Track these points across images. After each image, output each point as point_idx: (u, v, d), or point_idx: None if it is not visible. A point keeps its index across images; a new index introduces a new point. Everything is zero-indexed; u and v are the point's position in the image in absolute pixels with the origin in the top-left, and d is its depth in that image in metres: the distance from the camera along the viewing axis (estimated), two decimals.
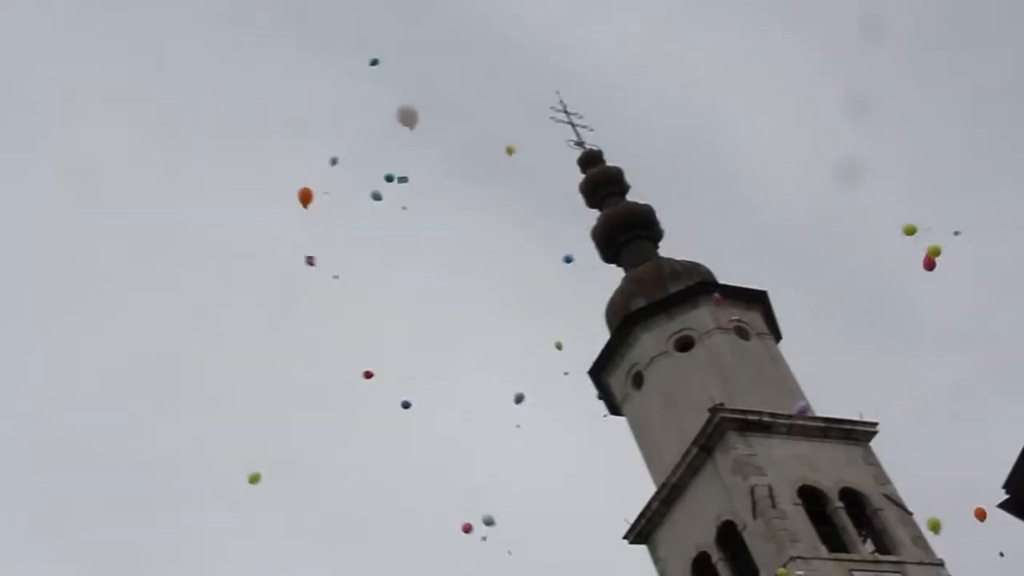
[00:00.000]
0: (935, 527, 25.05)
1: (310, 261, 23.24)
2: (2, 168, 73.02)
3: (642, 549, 32.43)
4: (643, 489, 32.87)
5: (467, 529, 24.58)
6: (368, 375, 24.88)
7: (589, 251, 40.19)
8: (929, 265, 21.87)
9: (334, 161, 23.40)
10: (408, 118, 23.27)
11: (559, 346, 27.07)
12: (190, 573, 57.54)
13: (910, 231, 22.32)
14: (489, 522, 24.25)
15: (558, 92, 44.34)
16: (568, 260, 27.55)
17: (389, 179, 23.74)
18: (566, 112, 43.59)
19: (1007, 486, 7.35)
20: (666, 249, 38.91)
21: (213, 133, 72.33)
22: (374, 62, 26.06)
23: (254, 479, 23.87)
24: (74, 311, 71.53)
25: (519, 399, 26.22)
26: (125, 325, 68.46)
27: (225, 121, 73.44)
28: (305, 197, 22.99)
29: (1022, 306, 67.97)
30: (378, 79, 79.77)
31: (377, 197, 24.09)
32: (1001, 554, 24.18)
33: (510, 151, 26.99)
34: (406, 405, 25.08)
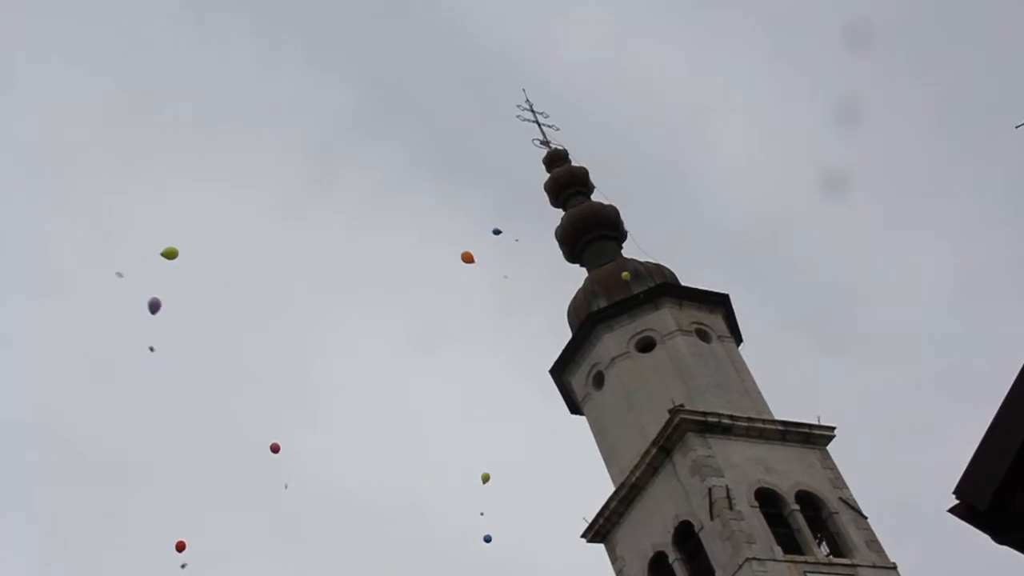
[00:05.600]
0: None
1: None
2: None
3: (600, 548, 32.57)
4: (602, 488, 33.08)
5: (275, 449, 24.96)
6: (275, 449, 24.95)
7: (554, 250, 40.40)
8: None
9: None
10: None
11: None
12: None
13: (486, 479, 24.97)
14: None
15: (524, 90, 44.46)
16: (496, 232, 27.96)
17: None
18: (532, 111, 43.70)
19: (957, 492, 7.48)
20: (629, 250, 39.08)
21: (185, 121, 72.07)
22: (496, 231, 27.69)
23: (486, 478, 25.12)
24: None
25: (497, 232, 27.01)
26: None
27: (196, 110, 73.21)
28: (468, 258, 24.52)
29: (969, 316, 69.02)
30: (347, 73, 79.61)
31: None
32: None
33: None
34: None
